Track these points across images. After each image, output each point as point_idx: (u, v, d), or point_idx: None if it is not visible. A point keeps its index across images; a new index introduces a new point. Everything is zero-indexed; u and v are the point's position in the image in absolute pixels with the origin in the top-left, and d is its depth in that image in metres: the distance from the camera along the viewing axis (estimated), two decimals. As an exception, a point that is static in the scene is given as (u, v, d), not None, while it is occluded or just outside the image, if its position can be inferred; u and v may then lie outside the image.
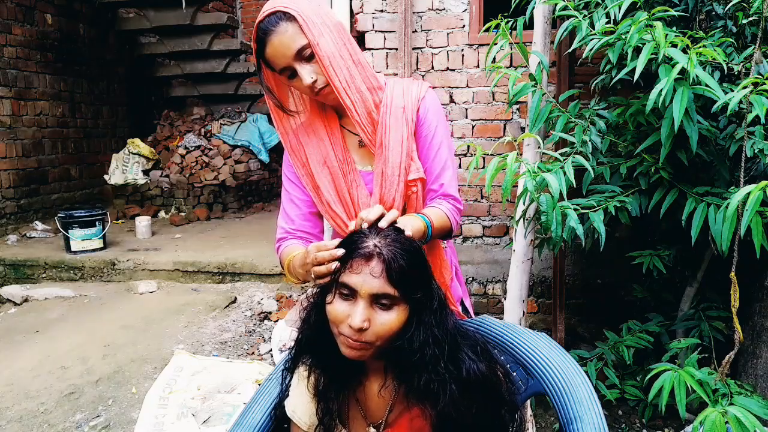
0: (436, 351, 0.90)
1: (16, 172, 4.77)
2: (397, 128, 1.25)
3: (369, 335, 0.89)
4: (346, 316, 0.89)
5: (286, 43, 1.14)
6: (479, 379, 0.91)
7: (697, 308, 2.21)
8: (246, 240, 4.33)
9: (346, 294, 0.90)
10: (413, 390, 0.93)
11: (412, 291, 0.90)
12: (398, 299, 0.89)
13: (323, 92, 1.20)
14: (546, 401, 2.15)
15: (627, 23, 1.70)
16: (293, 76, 1.19)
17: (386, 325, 0.89)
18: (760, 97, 1.49)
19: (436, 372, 0.90)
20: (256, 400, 1.13)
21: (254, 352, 2.80)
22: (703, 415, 1.35)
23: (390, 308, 0.89)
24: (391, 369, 0.97)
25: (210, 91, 6.20)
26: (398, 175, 1.25)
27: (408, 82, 1.31)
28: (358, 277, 0.88)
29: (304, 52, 1.15)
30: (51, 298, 3.54)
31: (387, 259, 0.88)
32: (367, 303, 0.89)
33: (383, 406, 1.00)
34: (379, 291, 0.88)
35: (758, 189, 1.33)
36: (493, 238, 3.42)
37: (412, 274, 0.90)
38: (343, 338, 0.90)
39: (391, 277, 0.87)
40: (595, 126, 2.00)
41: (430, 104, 1.30)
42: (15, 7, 4.74)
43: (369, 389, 1.01)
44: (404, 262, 0.89)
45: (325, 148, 1.29)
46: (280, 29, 1.14)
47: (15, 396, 2.34)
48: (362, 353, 0.91)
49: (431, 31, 3.27)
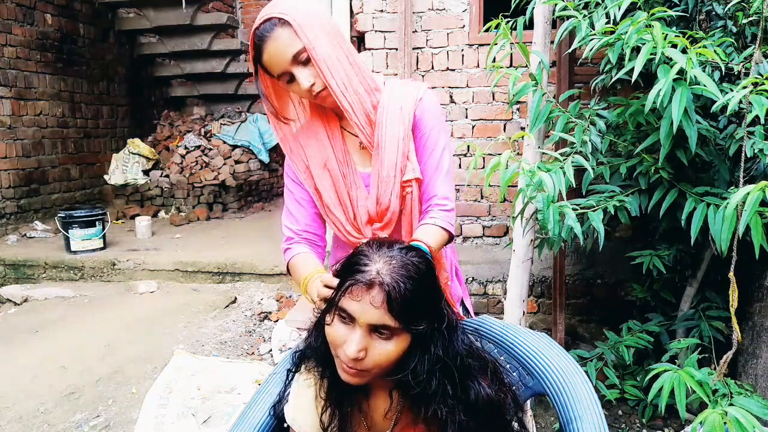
0: (444, 381, 0.86)
1: (16, 172, 4.77)
2: (394, 129, 1.25)
3: (366, 363, 0.85)
4: (343, 341, 0.86)
5: (281, 49, 1.15)
6: (486, 404, 0.88)
7: (697, 308, 2.21)
8: (246, 240, 4.33)
9: (344, 318, 0.87)
10: (421, 418, 0.89)
11: (414, 322, 0.85)
12: (399, 330, 0.85)
13: (321, 95, 1.21)
14: (546, 401, 2.15)
15: (626, 23, 1.70)
16: (291, 81, 1.20)
17: (384, 354, 0.85)
18: (759, 97, 1.49)
19: (444, 402, 0.86)
20: (256, 400, 1.12)
21: (254, 352, 2.80)
22: (703, 416, 1.35)
23: (390, 338, 0.85)
24: (397, 390, 0.94)
25: (210, 91, 6.20)
26: (393, 176, 1.25)
27: (406, 83, 1.31)
28: (357, 305, 0.84)
29: (300, 57, 1.16)
30: (51, 298, 3.55)
31: (388, 289, 0.82)
32: (366, 331, 0.85)
33: (388, 419, 0.98)
34: (377, 322, 0.83)
35: (757, 189, 1.33)
36: (493, 238, 3.42)
37: (415, 303, 0.84)
38: (340, 362, 0.88)
39: (391, 308, 0.82)
40: (595, 126, 2.00)
41: (428, 105, 1.30)
42: (15, 7, 4.74)
43: (374, 402, 0.99)
44: (408, 291, 0.83)
45: (326, 151, 1.29)
46: (276, 35, 1.15)
47: (15, 396, 2.34)
48: (359, 380, 0.88)
49: (431, 31, 3.27)
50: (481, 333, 1.13)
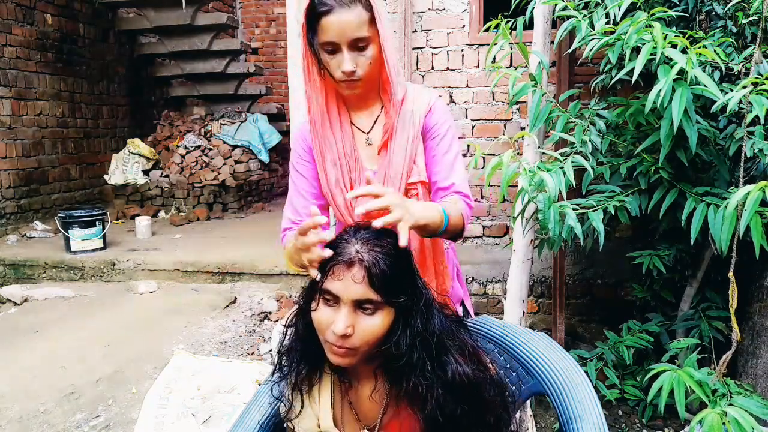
0: (423, 354, 0.90)
1: (16, 172, 4.77)
2: (403, 131, 1.26)
3: (354, 340, 0.89)
4: (330, 323, 0.89)
5: (353, 27, 1.13)
6: (464, 383, 0.91)
7: (697, 308, 2.21)
8: (246, 240, 4.33)
9: (329, 300, 0.91)
10: (403, 393, 0.93)
11: (395, 295, 0.90)
12: (382, 303, 0.89)
13: (353, 83, 1.20)
14: (546, 401, 2.15)
15: (626, 23, 1.70)
16: (333, 53, 1.17)
17: (370, 329, 0.89)
18: (759, 97, 1.49)
19: (423, 376, 0.90)
20: (256, 400, 1.13)
21: (254, 352, 2.80)
22: (701, 415, 1.35)
23: (374, 313, 0.89)
24: (382, 372, 0.97)
25: (210, 91, 6.20)
26: (400, 178, 1.26)
27: (419, 89, 1.33)
28: (340, 283, 0.88)
29: (361, 43, 1.15)
30: (51, 298, 3.54)
31: (368, 264, 0.88)
32: (351, 309, 0.89)
33: (376, 409, 1.00)
34: (361, 297, 0.88)
35: (757, 189, 1.33)
36: (493, 238, 3.42)
37: (394, 278, 0.89)
38: (329, 345, 0.91)
39: (372, 282, 0.87)
40: (594, 126, 2.00)
41: (440, 111, 1.31)
42: (15, 7, 4.74)
43: (361, 392, 1.01)
44: (386, 266, 0.88)
45: (333, 137, 1.30)
46: (355, 10, 1.12)
47: (15, 396, 2.34)
48: (349, 360, 0.91)
49: (431, 31, 3.27)
50: (481, 333, 1.13)
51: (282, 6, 7.23)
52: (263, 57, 8.04)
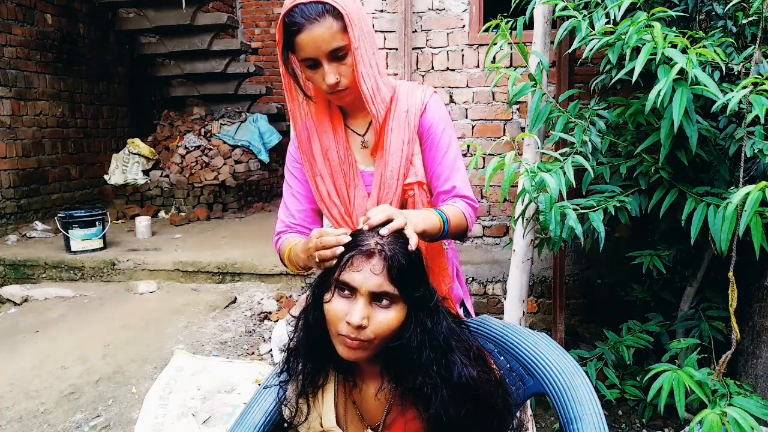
0: (431, 354, 0.91)
1: (16, 172, 4.77)
2: (399, 132, 1.25)
3: (368, 333, 0.89)
4: (344, 314, 0.89)
5: (327, 39, 1.11)
6: (469, 384, 0.91)
7: (697, 308, 2.21)
8: (246, 240, 4.33)
9: (345, 292, 0.91)
10: (408, 392, 0.93)
11: (411, 290, 0.90)
12: (397, 298, 0.89)
13: (339, 93, 1.19)
14: (546, 401, 2.15)
15: (626, 23, 1.70)
16: (314, 68, 1.16)
17: (386, 322, 0.89)
18: (759, 97, 1.49)
19: (429, 375, 0.90)
20: (256, 400, 1.12)
21: (254, 352, 2.80)
22: (701, 416, 1.35)
23: (389, 307, 0.90)
24: (387, 371, 0.97)
25: (210, 91, 6.20)
26: (396, 179, 1.26)
27: (413, 86, 1.31)
28: (359, 274, 0.88)
29: (339, 53, 1.13)
30: (51, 298, 3.54)
31: (388, 256, 0.88)
32: (367, 301, 0.89)
33: (380, 409, 1.00)
34: (379, 289, 0.88)
35: (757, 189, 1.33)
36: (493, 238, 3.42)
37: (411, 273, 0.90)
38: (341, 338, 0.90)
39: (391, 275, 0.88)
40: (594, 126, 2.00)
41: (435, 109, 1.29)
42: (15, 7, 4.74)
43: (365, 392, 1.01)
44: (405, 260, 0.89)
45: (329, 143, 1.29)
46: (325, 23, 1.10)
47: (15, 396, 2.34)
48: (360, 353, 0.91)
49: (431, 31, 3.28)
50: (481, 333, 1.13)
51: (282, 6, 7.23)
52: (263, 57, 8.05)
